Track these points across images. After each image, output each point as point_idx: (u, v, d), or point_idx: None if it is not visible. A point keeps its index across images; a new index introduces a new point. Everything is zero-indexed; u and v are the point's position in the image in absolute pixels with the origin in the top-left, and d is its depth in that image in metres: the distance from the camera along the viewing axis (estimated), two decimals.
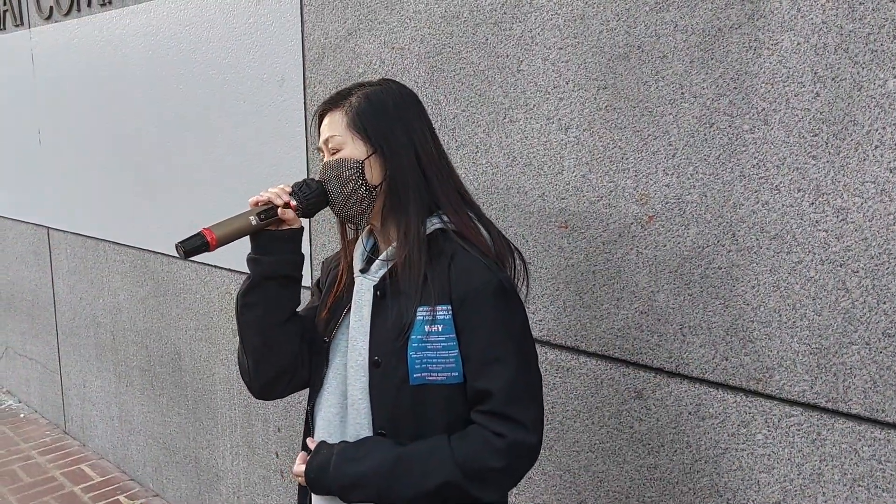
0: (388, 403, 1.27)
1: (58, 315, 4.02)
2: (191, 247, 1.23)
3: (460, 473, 1.20)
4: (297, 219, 1.32)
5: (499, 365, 1.22)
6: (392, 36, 2.02)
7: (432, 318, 1.23)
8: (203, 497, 3.13)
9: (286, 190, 1.31)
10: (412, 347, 1.24)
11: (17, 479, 3.57)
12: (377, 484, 1.23)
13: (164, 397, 3.27)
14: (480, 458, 1.20)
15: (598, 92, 1.60)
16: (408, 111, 1.31)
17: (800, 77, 1.32)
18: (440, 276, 1.25)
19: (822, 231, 1.33)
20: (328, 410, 1.35)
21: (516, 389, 1.22)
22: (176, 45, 2.83)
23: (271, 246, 1.30)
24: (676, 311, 1.53)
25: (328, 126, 1.31)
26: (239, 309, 1.35)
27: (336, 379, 1.35)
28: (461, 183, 1.37)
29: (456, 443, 1.22)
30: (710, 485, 1.53)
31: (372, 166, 1.28)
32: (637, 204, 1.56)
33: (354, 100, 1.29)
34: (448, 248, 1.27)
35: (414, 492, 1.22)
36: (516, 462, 1.22)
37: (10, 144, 4.17)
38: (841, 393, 1.34)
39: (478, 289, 1.22)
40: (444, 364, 1.23)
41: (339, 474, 1.26)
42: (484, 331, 1.22)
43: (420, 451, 1.23)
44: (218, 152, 2.72)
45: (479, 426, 1.23)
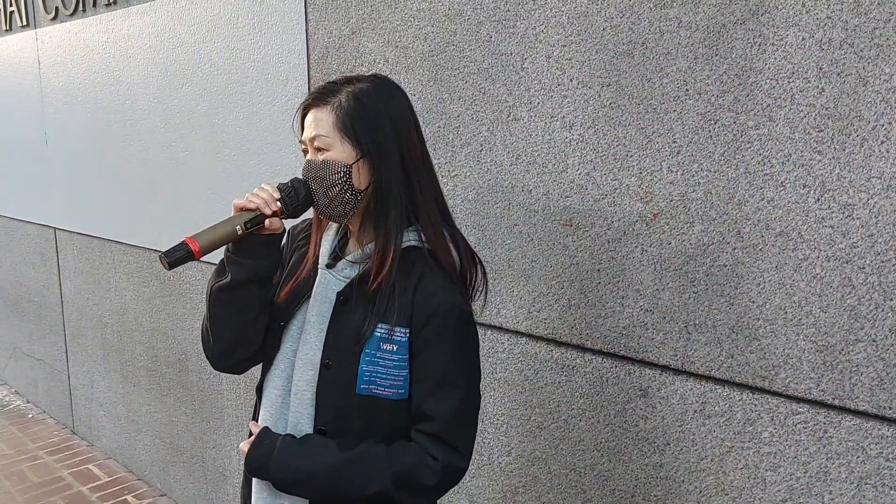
0: (333, 405, 1.30)
1: (65, 315, 4.03)
2: (174, 257, 1.22)
3: (394, 486, 1.26)
4: (282, 225, 1.30)
5: (447, 392, 1.27)
6: (395, 34, 2.01)
7: (389, 337, 1.26)
8: (210, 497, 3.14)
9: (274, 196, 1.27)
10: (364, 360, 1.26)
11: (26, 479, 3.58)
12: (316, 485, 1.28)
13: (171, 397, 3.27)
14: (415, 475, 1.26)
15: (601, 89, 1.59)
16: (397, 113, 1.29)
17: (804, 72, 1.31)
18: (406, 294, 1.27)
19: (828, 228, 1.32)
20: (272, 391, 1.37)
21: (459, 417, 1.28)
22: (180, 46, 2.84)
23: (254, 251, 1.29)
24: (681, 308, 1.53)
25: (314, 123, 1.27)
26: (212, 301, 1.34)
27: (284, 363, 1.36)
28: (440, 190, 1.37)
29: (395, 457, 1.27)
30: (715, 483, 1.53)
31: (360, 171, 1.26)
32: (641, 202, 1.56)
33: (344, 99, 1.26)
34: (418, 266, 1.28)
35: (350, 496, 1.27)
36: (446, 482, 1.29)
37: (17, 145, 4.19)
38: (847, 390, 1.33)
39: (440, 315, 1.26)
40: (392, 381, 1.28)
41: (280, 468, 1.29)
42: (438, 357, 1.26)
43: (361, 460, 1.27)
44: (223, 152, 2.73)
45: (417, 445, 1.28)
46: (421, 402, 1.27)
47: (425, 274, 1.27)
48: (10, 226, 4.50)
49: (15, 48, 4.01)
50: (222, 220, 1.27)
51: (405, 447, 1.28)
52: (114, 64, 3.23)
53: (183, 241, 1.23)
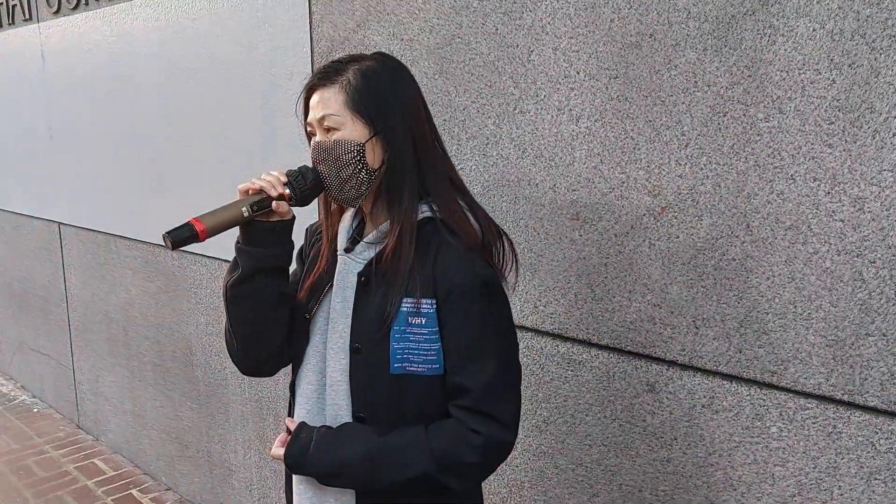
0: (368, 390, 1.28)
1: (70, 310, 4.04)
2: (178, 237, 1.19)
3: (436, 466, 1.22)
4: (290, 210, 1.28)
5: (480, 361, 1.23)
6: (401, 27, 2.00)
7: (416, 310, 1.23)
8: (216, 491, 3.14)
9: (281, 179, 1.26)
10: (394, 338, 1.24)
11: (32, 473, 3.59)
12: (356, 472, 1.25)
13: (177, 392, 3.28)
14: (457, 452, 1.22)
15: (609, 82, 1.58)
16: (405, 90, 1.27)
17: (815, 64, 1.29)
18: (426, 268, 1.24)
19: (839, 221, 1.30)
20: (307, 387, 1.35)
21: (496, 387, 1.23)
22: (185, 39, 2.83)
23: (262, 238, 1.27)
24: (689, 303, 1.52)
25: (321, 103, 1.24)
26: (228, 298, 1.32)
27: (315, 357, 1.34)
28: (452, 165, 1.34)
29: (433, 436, 1.23)
30: (723, 478, 1.52)
31: (373, 149, 1.24)
32: (649, 195, 1.55)
33: (352, 77, 1.23)
34: (435, 239, 1.25)
35: (391, 482, 1.24)
36: (491, 458, 1.26)
37: (21, 140, 4.19)
38: (857, 385, 1.32)
39: (463, 284, 1.22)
40: (425, 356, 1.24)
41: (319, 460, 1.27)
42: (467, 327, 1.23)
43: (399, 442, 1.24)
44: (228, 146, 2.72)
45: (456, 421, 1.24)
46: (454, 375, 1.24)
47: (443, 246, 1.24)
48: (15, 221, 4.50)
49: (18, 42, 4.00)
50: (228, 203, 1.25)
51: (444, 425, 1.24)
52: (117, 58, 3.22)
53: (188, 222, 1.20)
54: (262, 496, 2.89)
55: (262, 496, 2.89)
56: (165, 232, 1.19)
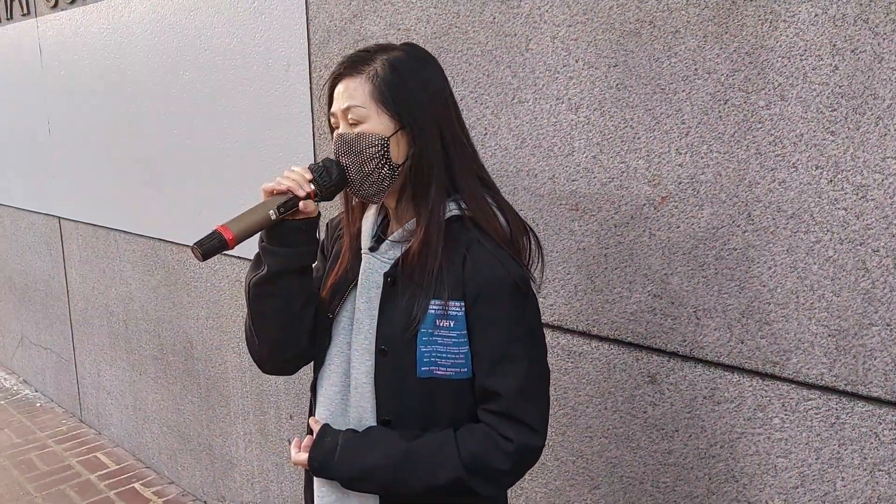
0: (395, 393, 1.24)
1: (71, 305, 4.03)
2: (209, 248, 1.15)
3: (466, 472, 1.18)
4: (316, 208, 1.24)
5: (509, 365, 1.19)
6: (397, 17, 1.98)
7: (444, 312, 1.19)
8: (217, 484, 3.14)
9: (306, 177, 1.21)
10: (422, 341, 1.19)
11: (34, 467, 3.59)
12: (383, 478, 1.22)
13: (177, 385, 3.27)
14: (487, 459, 1.18)
15: (608, 70, 1.56)
16: (434, 83, 1.22)
17: (817, 50, 1.27)
18: (455, 268, 1.19)
19: (841, 209, 1.29)
20: (330, 388, 1.31)
21: (526, 391, 1.20)
22: (181, 32, 2.81)
23: (289, 238, 1.23)
24: (690, 293, 1.50)
25: (347, 94, 1.19)
26: (252, 297, 1.28)
27: (339, 357, 1.30)
28: (481, 163, 1.29)
29: (462, 441, 1.20)
30: (725, 470, 1.51)
31: (398, 143, 1.19)
32: (649, 185, 1.53)
33: (380, 68, 1.18)
34: (464, 237, 1.21)
35: (420, 488, 1.20)
36: (522, 464, 1.22)
37: (20, 135, 4.18)
38: (860, 376, 1.30)
39: (492, 285, 1.18)
40: (453, 359, 1.20)
41: (345, 465, 1.23)
42: (496, 329, 1.19)
43: (427, 447, 1.20)
44: (225, 138, 2.70)
45: (487, 426, 1.20)
46: (484, 379, 1.20)
47: (472, 245, 1.20)
48: (15, 216, 4.50)
49: (16, 37, 3.99)
50: (254, 206, 1.20)
51: (474, 430, 1.21)
52: (115, 51, 3.20)
53: (215, 230, 1.16)
54: (263, 489, 2.89)
55: (263, 489, 2.89)
56: (194, 243, 1.16)
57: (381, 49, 1.21)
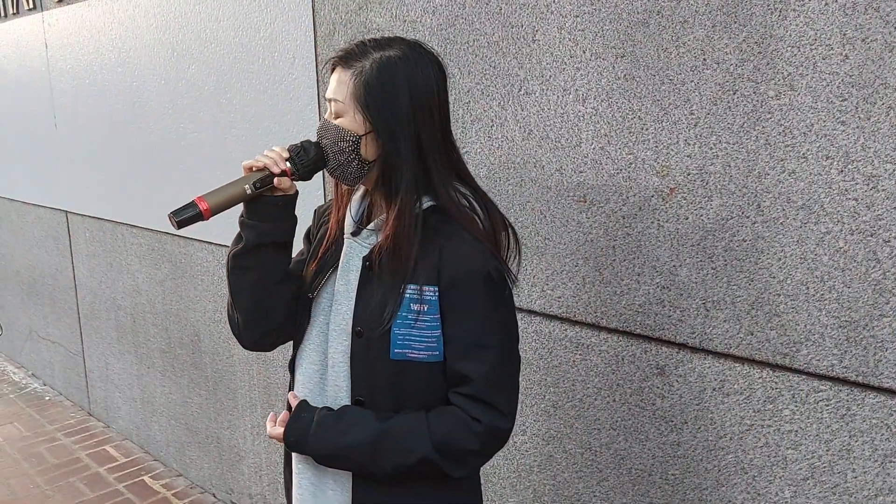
0: (368, 374, 1.29)
1: (78, 298, 4.05)
2: (183, 216, 1.22)
3: (437, 453, 1.23)
4: (292, 185, 1.30)
5: (482, 351, 1.24)
6: (403, 8, 1.97)
7: (419, 297, 1.24)
8: (226, 476, 3.16)
9: (283, 156, 1.27)
10: (397, 324, 1.24)
11: (44, 460, 3.62)
12: (356, 457, 1.27)
13: (185, 378, 3.28)
14: (457, 439, 1.24)
15: (616, 61, 1.55)
16: (421, 88, 1.24)
17: (827, 39, 1.26)
18: (430, 255, 1.24)
19: (852, 200, 1.28)
20: (308, 367, 1.36)
21: (496, 376, 1.25)
22: (187, 25, 2.80)
23: (266, 212, 1.29)
24: (699, 285, 1.49)
25: (335, 86, 1.25)
26: (230, 269, 1.34)
27: (318, 337, 1.35)
28: (462, 164, 1.33)
29: (434, 422, 1.25)
30: (734, 462, 1.50)
31: (367, 143, 1.25)
32: (657, 176, 1.52)
33: (368, 66, 1.22)
34: (442, 228, 1.26)
35: (392, 467, 1.25)
36: (490, 445, 1.27)
37: (27, 129, 4.19)
38: (871, 367, 1.30)
39: (468, 274, 1.23)
40: (426, 343, 1.25)
41: (319, 443, 1.28)
42: (470, 316, 1.24)
43: (400, 428, 1.25)
44: (232, 131, 2.70)
45: (457, 408, 1.25)
46: (456, 363, 1.25)
47: (450, 235, 1.25)
48: (22, 210, 4.51)
49: (22, 31, 3.99)
50: (231, 181, 1.27)
51: (445, 412, 1.26)
52: (120, 45, 3.20)
53: (192, 201, 1.23)
54: (271, 481, 2.90)
55: (271, 481, 2.90)
56: (171, 212, 1.22)
57: (378, 46, 1.25)
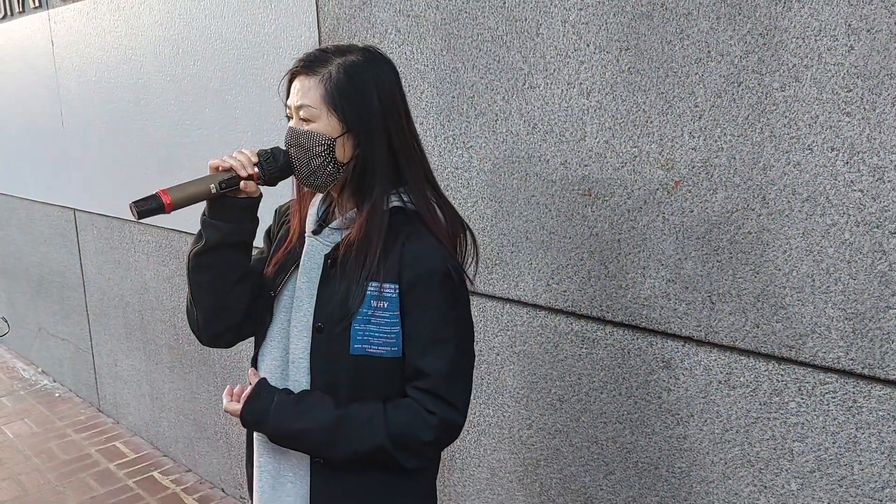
0: (328, 369, 1.31)
1: (87, 295, 4.07)
2: (145, 208, 1.23)
3: (391, 442, 1.27)
4: (257, 189, 1.32)
5: (439, 348, 1.28)
6: (407, 3, 1.97)
7: (379, 294, 1.27)
8: (234, 472, 3.17)
9: (252, 160, 1.29)
10: (357, 320, 1.27)
11: (55, 456, 3.64)
12: (312, 441, 1.30)
13: (193, 374, 3.30)
14: (411, 430, 1.27)
15: (620, 54, 1.55)
16: (386, 89, 1.28)
17: (832, 30, 1.26)
18: (392, 254, 1.27)
19: (857, 191, 1.27)
20: (270, 363, 1.39)
21: (453, 372, 1.29)
22: (191, 22, 2.81)
23: (229, 214, 1.31)
24: (705, 278, 1.49)
25: (301, 92, 1.27)
26: (191, 267, 1.36)
27: (279, 334, 1.37)
28: (429, 166, 1.37)
29: (390, 413, 1.28)
30: (741, 455, 1.50)
31: (343, 145, 1.27)
32: (662, 169, 1.52)
33: (334, 71, 1.25)
34: (404, 228, 1.29)
35: (346, 453, 1.29)
36: (443, 437, 1.31)
37: (34, 127, 4.20)
38: (878, 359, 1.29)
39: (428, 273, 1.26)
40: (385, 339, 1.28)
41: (277, 424, 1.30)
42: (429, 314, 1.27)
43: (357, 416, 1.28)
44: (237, 128, 2.71)
45: (413, 401, 1.29)
46: (414, 359, 1.28)
47: (411, 235, 1.28)
48: (31, 208, 4.53)
49: (28, 30, 4.00)
50: (198, 178, 1.28)
51: (401, 404, 1.29)
52: (126, 43, 3.21)
53: (156, 193, 1.24)
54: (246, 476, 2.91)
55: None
56: (132, 202, 1.22)
57: (339, 52, 1.28)
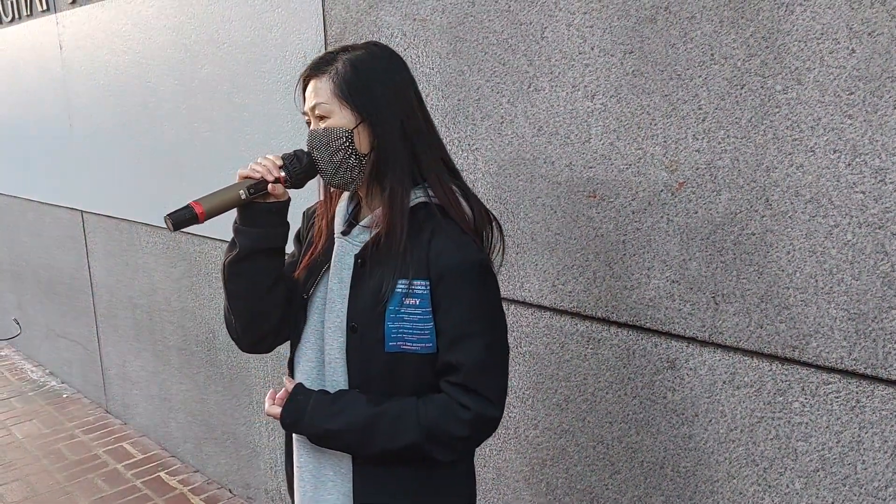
0: (363, 367, 1.32)
1: (95, 297, 4.09)
2: (179, 219, 1.26)
3: (425, 438, 1.27)
4: (285, 192, 1.34)
5: (471, 341, 1.27)
6: (413, 7, 1.99)
7: (410, 291, 1.27)
8: (242, 472, 3.19)
9: (277, 164, 1.31)
10: (389, 317, 1.28)
11: (63, 457, 3.66)
12: (348, 439, 1.31)
13: (201, 375, 3.32)
14: (445, 426, 1.27)
15: (624, 57, 1.56)
16: (394, 77, 1.31)
17: (834, 33, 1.27)
18: (419, 250, 1.28)
19: (860, 193, 1.28)
20: (306, 364, 1.40)
21: (485, 365, 1.28)
22: (199, 26, 2.83)
23: (259, 219, 1.33)
24: (709, 279, 1.50)
25: (314, 93, 1.30)
26: (226, 276, 1.38)
27: (314, 336, 1.39)
28: (446, 151, 1.38)
29: (424, 408, 1.28)
30: (745, 454, 1.51)
31: (360, 135, 1.28)
32: (667, 171, 1.53)
33: (340, 66, 1.28)
34: (429, 223, 1.30)
35: (381, 449, 1.30)
36: (478, 432, 1.31)
37: (42, 130, 4.23)
38: (881, 359, 1.30)
39: (457, 267, 1.27)
40: (419, 335, 1.29)
41: (314, 424, 1.32)
42: (459, 307, 1.28)
43: (391, 412, 1.29)
44: (245, 131, 2.73)
45: (447, 395, 1.29)
46: (445, 353, 1.29)
47: (437, 229, 1.29)
48: (39, 210, 4.56)
49: (36, 33, 4.03)
50: (227, 186, 1.31)
51: (434, 399, 1.30)
52: (134, 46, 3.23)
53: (188, 205, 1.27)
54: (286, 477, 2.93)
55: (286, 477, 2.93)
56: (167, 214, 1.26)
57: (344, 50, 1.32)
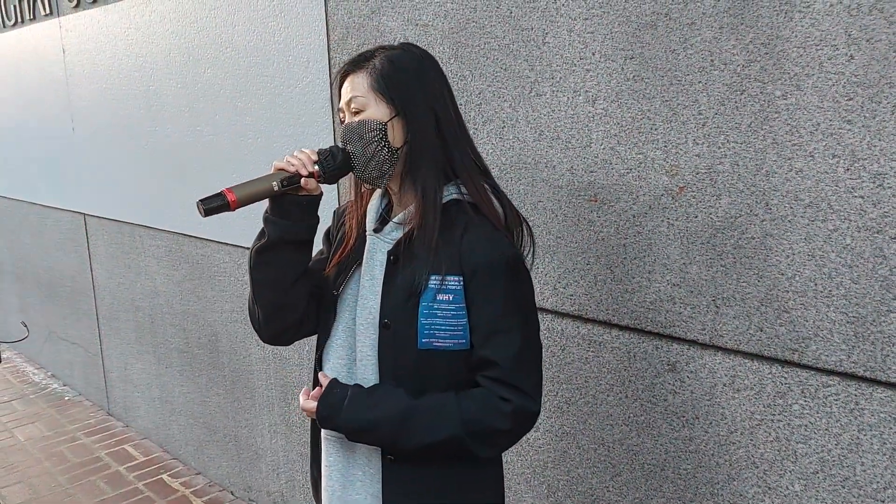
0: (395, 363, 1.32)
1: (97, 300, 4.10)
2: (211, 205, 1.27)
3: (465, 431, 1.26)
4: (318, 187, 1.35)
5: (506, 336, 1.28)
6: (416, 12, 2.00)
7: (443, 286, 1.27)
8: (244, 475, 3.20)
9: (312, 159, 1.32)
10: (422, 314, 1.28)
11: (65, 459, 3.67)
12: (385, 432, 1.30)
13: (203, 378, 3.33)
14: (487, 419, 1.27)
15: (625, 62, 1.57)
16: (428, 75, 1.33)
17: (833, 40, 1.28)
18: (452, 246, 1.28)
19: (858, 197, 1.30)
20: (336, 361, 1.40)
21: (521, 360, 1.28)
22: (202, 30, 2.84)
23: (290, 211, 1.34)
24: (709, 282, 1.52)
25: (350, 87, 1.32)
26: (252, 264, 1.39)
27: (345, 333, 1.39)
28: (477, 151, 1.39)
29: (463, 402, 1.28)
30: (745, 456, 1.52)
31: (394, 129, 1.30)
32: (667, 175, 1.54)
33: (377, 62, 1.30)
34: (461, 219, 1.30)
35: (419, 443, 1.28)
36: (520, 426, 1.31)
37: (45, 133, 4.25)
38: (879, 362, 1.31)
39: (490, 262, 1.27)
40: (452, 331, 1.29)
41: (350, 418, 1.31)
42: (493, 303, 1.28)
43: (429, 405, 1.28)
44: (248, 135, 2.74)
45: (486, 389, 1.28)
46: (481, 348, 1.28)
47: (469, 226, 1.29)
48: (41, 213, 4.57)
49: (39, 36, 4.05)
50: (261, 176, 1.32)
51: (473, 393, 1.29)
52: (137, 50, 3.25)
53: (221, 192, 1.28)
54: (288, 479, 2.94)
55: (288, 479, 2.94)
56: (199, 199, 1.27)
57: (381, 48, 1.35)
